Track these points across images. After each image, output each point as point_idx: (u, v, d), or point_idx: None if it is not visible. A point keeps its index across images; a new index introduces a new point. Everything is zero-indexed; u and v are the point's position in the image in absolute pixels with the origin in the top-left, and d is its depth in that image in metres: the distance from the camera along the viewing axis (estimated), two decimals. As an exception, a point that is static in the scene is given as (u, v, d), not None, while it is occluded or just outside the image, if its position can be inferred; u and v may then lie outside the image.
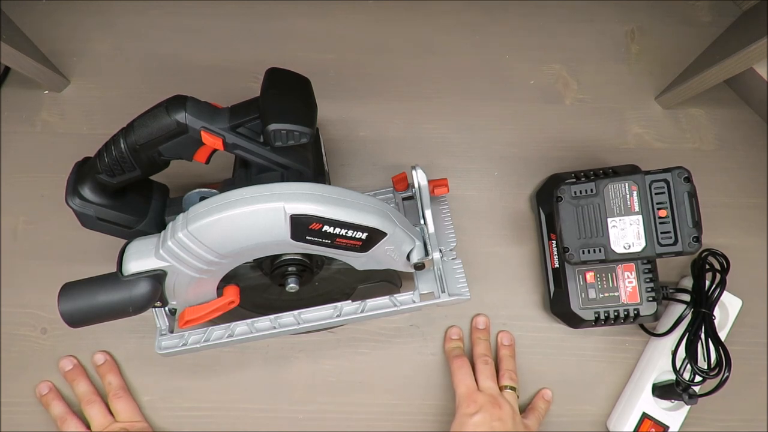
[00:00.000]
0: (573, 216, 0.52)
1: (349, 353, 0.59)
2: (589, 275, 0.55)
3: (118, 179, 0.47)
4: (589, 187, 0.52)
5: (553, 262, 0.59)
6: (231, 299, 0.47)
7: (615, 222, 0.51)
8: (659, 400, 0.56)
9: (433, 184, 0.54)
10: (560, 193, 0.53)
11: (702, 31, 0.67)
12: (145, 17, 0.68)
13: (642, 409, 0.56)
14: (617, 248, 0.51)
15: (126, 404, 0.55)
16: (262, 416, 0.58)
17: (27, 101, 0.65)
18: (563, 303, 0.56)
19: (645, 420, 0.55)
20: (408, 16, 0.68)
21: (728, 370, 0.51)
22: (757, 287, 0.61)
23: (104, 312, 0.43)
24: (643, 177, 0.51)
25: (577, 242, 0.52)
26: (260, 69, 0.48)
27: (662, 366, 0.56)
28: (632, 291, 0.55)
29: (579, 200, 0.52)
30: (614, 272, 0.55)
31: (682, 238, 0.49)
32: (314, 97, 0.48)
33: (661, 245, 0.50)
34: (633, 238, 0.51)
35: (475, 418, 0.50)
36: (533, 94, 0.66)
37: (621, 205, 0.51)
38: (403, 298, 0.51)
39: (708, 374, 0.52)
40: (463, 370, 0.55)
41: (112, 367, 0.57)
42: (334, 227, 0.41)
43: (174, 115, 0.44)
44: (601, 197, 0.52)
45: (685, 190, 0.50)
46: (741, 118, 0.66)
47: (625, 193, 0.51)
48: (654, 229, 0.50)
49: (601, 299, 0.55)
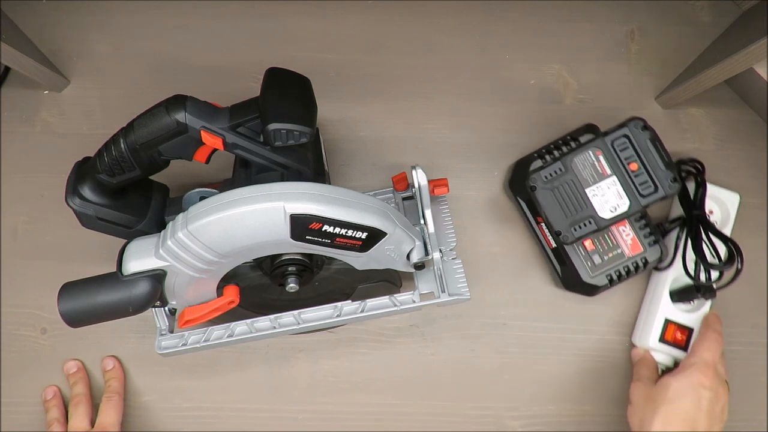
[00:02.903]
0: (553, 199, 0.53)
1: (349, 353, 0.59)
2: (587, 243, 0.56)
3: (118, 179, 0.47)
4: (557, 167, 0.53)
5: (549, 243, 0.59)
6: (231, 299, 0.47)
7: (593, 191, 0.52)
8: (679, 304, 0.57)
9: (433, 184, 0.54)
10: (532, 182, 0.53)
11: (702, 31, 0.67)
12: (144, 17, 0.68)
13: (664, 316, 0.56)
14: (605, 214, 0.52)
15: (111, 410, 0.55)
16: (262, 416, 0.58)
17: (27, 101, 0.65)
18: (574, 277, 0.57)
19: (669, 325, 0.56)
20: (408, 16, 0.68)
21: (741, 261, 0.53)
22: (757, 287, 0.61)
23: (104, 312, 0.43)
24: (603, 139, 0.52)
25: (566, 222, 0.53)
26: (260, 69, 0.48)
27: (675, 272, 0.57)
28: (633, 242, 0.56)
29: (552, 182, 0.53)
30: (610, 232, 0.56)
31: (660, 183, 0.51)
32: (314, 96, 0.48)
33: (643, 197, 0.52)
34: (616, 200, 0.52)
35: (707, 393, 0.49)
36: (533, 94, 0.66)
37: (593, 173, 0.52)
38: (403, 298, 0.51)
39: (721, 268, 0.54)
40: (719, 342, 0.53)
41: (118, 372, 0.57)
42: (334, 227, 0.41)
43: (174, 115, 0.44)
44: (571, 173, 0.53)
45: (646, 138, 0.51)
46: (741, 118, 0.66)
47: (592, 161, 0.52)
48: (632, 184, 0.52)
49: (607, 261, 0.56)
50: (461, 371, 0.59)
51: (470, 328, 0.60)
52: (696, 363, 0.51)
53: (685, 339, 0.55)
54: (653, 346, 0.56)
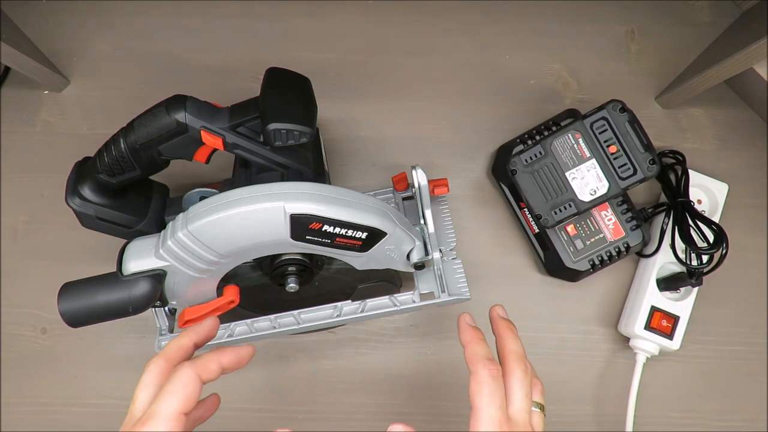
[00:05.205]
0: (533, 183, 0.53)
1: (349, 353, 0.59)
2: (569, 228, 0.57)
3: (118, 179, 0.47)
4: (536, 150, 0.54)
5: (532, 228, 0.60)
6: (231, 299, 0.47)
7: (573, 174, 0.52)
8: (665, 292, 0.57)
9: (433, 184, 0.54)
10: (512, 165, 0.54)
11: (702, 31, 0.67)
12: (145, 17, 0.68)
13: (650, 303, 0.56)
14: (584, 197, 0.52)
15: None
16: (262, 416, 0.58)
17: (27, 101, 0.65)
18: (556, 262, 0.57)
19: (655, 313, 0.56)
20: (408, 16, 0.68)
21: (726, 246, 0.54)
22: (757, 287, 0.61)
23: (104, 312, 0.43)
24: (582, 122, 0.53)
25: (546, 206, 0.53)
26: (260, 69, 0.48)
27: (662, 259, 0.57)
28: (615, 227, 0.56)
29: (533, 166, 0.53)
30: (591, 217, 0.57)
31: (639, 165, 0.51)
32: (314, 96, 0.48)
33: (622, 179, 0.52)
34: (596, 183, 0.52)
35: None
36: (533, 94, 0.66)
37: (572, 156, 0.53)
38: (403, 298, 0.51)
39: (710, 250, 0.54)
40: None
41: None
42: (334, 227, 0.41)
43: (174, 115, 0.44)
44: (551, 156, 0.53)
45: (624, 120, 0.52)
46: (741, 118, 0.66)
47: (572, 144, 0.52)
48: (611, 166, 0.52)
49: (589, 246, 0.56)
50: (461, 371, 0.59)
51: (470, 328, 0.60)
52: (482, 431, 0.35)
53: (671, 327, 0.56)
54: (639, 333, 0.56)
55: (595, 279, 0.60)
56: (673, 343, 0.56)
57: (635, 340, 0.57)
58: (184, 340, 0.39)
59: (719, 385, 0.59)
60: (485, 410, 0.35)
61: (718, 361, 0.59)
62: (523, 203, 0.58)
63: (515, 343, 0.41)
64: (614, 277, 0.61)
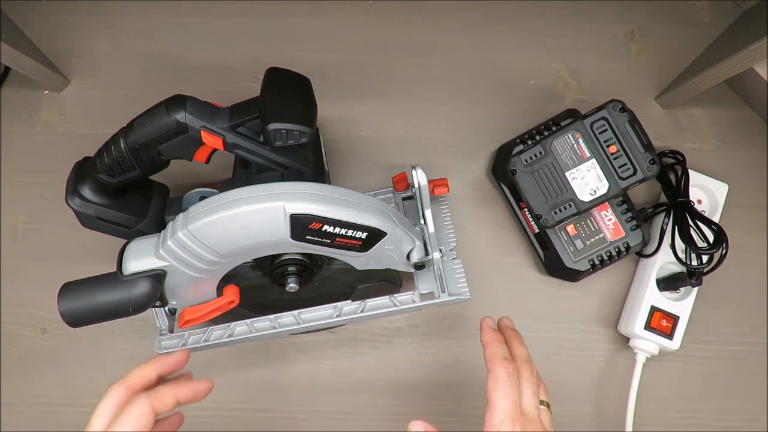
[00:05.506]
0: (533, 183, 0.54)
1: (349, 353, 0.59)
2: (569, 228, 0.57)
3: (118, 179, 0.47)
4: (537, 150, 0.54)
5: (532, 228, 0.60)
6: (231, 299, 0.47)
7: (573, 174, 0.53)
8: (665, 292, 0.57)
9: (433, 184, 0.54)
10: (513, 165, 0.54)
11: (702, 31, 0.67)
12: (145, 17, 0.68)
13: (650, 303, 0.56)
14: (584, 197, 0.52)
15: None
16: (262, 416, 0.58)
17: (27, 101, 0.65)
18: (556, 262, 0.57)
19: (655, 313, 0.56)
20: (408, 16, 0.68)
21: (726, 246, 0.54)
22: (757, 287, 0.61)
23: (104, 312, 0.43)
24: (582, 122, 0.53)
25: (546, 206, 0.53)
26: (260, 69, 0.48)
27: (662, 259, 0.57)
28: (615, 227, 0.56)
29: (533, 166, 0.53)
30: (591, 217, 0.57)
31: (639, 165, 0.51)
32: (314, 96, 0.48)
33: (623, 179, 0.52)
34: (596, 183, 0.52)
35: None
36: (533, 94, 0.66)
37: (572, 156, 0.53)
38: (403, 298, 0.51)
39: (710, 251, 0.54)
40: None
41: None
42: (334, 227, 0.41)
43: (174, 115, 0.44)
44: (551, 156, 0.53)
45: (625, 120, 0.52)
46: (741, 118, 0.66)
47: (572, 144, 0.53)
48: (611, 166, 0.52)
49: (589, 246, 0.56)
50: (461, 371, 0.59)
51: (470, 328, 0.60)
52: (496, 422, 0.38)
53: (671, 327, 0.56)
54: (638, 333, 0.56)
55: (595, 279, 0.60)
56: (673, 343, 0.56)
57: (635, 340, 0.57)
58: (149, 369, 0.40)
59: (719, 385, 0.59)
60: (500, 404, 0.39)
61: (718, 361, 0.59)
62: (523, 203, 0.58)
63: (522, 349, 0.45)
64: (614, 277, 0.61)
